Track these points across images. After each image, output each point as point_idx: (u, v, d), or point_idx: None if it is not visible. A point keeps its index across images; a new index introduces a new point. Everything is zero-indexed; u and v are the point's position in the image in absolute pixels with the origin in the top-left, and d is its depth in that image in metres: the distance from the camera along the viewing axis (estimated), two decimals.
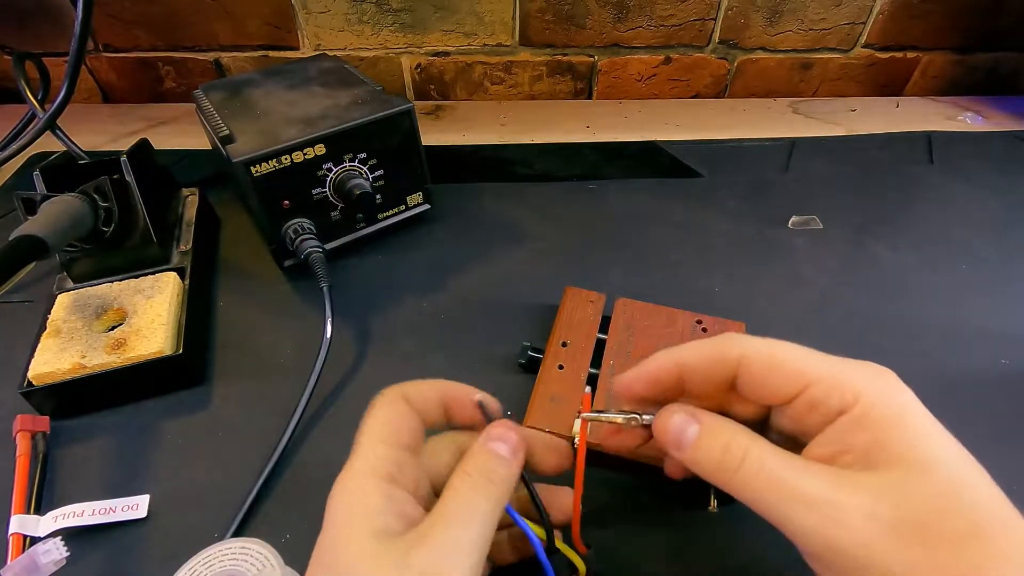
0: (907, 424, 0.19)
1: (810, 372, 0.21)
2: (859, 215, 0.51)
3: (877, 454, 0.19)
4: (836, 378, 0.20)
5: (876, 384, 0.20)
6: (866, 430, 0.19)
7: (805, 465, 0.20)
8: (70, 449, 0.35)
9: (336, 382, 0.38)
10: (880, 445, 0.19)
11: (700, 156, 0.59)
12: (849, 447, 0.19)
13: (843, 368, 0.21)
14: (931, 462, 0.18)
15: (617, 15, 0.65)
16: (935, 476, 0.18)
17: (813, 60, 0.69)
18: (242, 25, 0.64)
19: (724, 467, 0.20)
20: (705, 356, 0.23)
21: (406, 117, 0.44)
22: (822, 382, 0.20)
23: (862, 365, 0.21)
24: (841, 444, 0.20)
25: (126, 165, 0.40)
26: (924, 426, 0.20)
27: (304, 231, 0.42)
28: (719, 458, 0.21)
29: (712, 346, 0.23)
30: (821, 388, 0.20)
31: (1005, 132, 0.63)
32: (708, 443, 0.21)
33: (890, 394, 0.20)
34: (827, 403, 0.20)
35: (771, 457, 0.20)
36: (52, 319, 0.37)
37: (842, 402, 0.20)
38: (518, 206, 0.52)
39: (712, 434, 0.21)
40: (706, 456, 0.21)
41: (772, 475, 0.19)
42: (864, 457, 0.19)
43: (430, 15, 0.64)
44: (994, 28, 0.68)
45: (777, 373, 0.21)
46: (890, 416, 0.19)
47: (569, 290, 0.40)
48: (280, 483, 0.33)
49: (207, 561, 0.26)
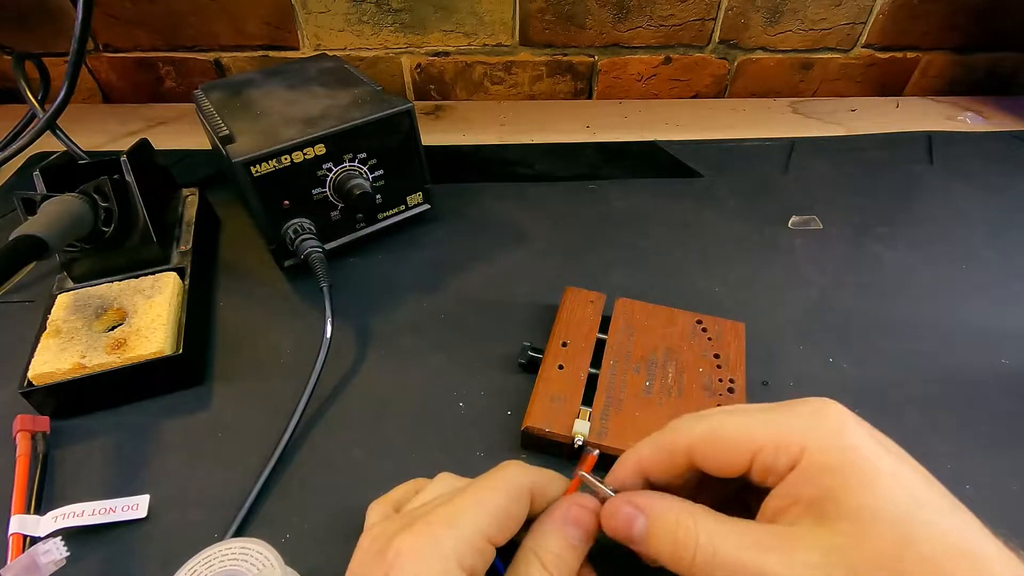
0: (852, 471, 0.19)
1: (754, 440, 0.21)
2: (859, 215, 0.51)
3: (826, 507, 0.19)
4: (779, 438, 0.20)
5: (818, 431, 0.20)
6: (813, 483, 0.19)
7: (757, 536, 0.20)
8: (70, 449, 0.34)
9: (336, 382, 0.38)
10: (828, 497, 0.19)
11: (700, 156, 0.59)
12: (798, 499, 0.19)
13: (784, 422, 0.21)
14: (881, 510, 0.18)
15: (617, 15, 0.65)
16: (886, 525, 0.18)
17: (813, 60, 0.69)
18: (242, 25, 0.64)
19: (679, 559, 0.20)
20: (658, 452, 0.23)
21: (406, 117, 0.44)
22: (767, 446, 0.20)
23: (804, 410, 0.21)
24: (791, 498, 0.20)
25: (126, 165, 0.40)
26: (871, 468, 0.19)
27: (304, 231, 0.42)
28: (671, 551, 0.20)
29: (662, 445, 0.23)
30: (768, 452, 0.20)
31: (1005, 132, 0.63)
32: (657, 535, 0.21)
33: (832, 440, 0.20)
34: (776, 465, 0.20)
35: (721, 538, 0.20)
36: (52, 319, 0.37)
37: (789, 459, 0.20)
38: (518, 206, 0.52)
39: (658, 524, 0.21)
40: (660, 550, 0.21)
41: (726, 559, 0.19)
42: (814, 510, 0.19)
43: (430, 15, 0.64)
44: (994, 28, 0.68)
45: (724, 451, 0.21)
46: (834, 465, 0.19)
47: (569, 290, 0.40)
48: (280, 483, 0.33)
49: (207, 561, 0.26)
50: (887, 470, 0.19)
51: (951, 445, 0.35)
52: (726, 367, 0.35)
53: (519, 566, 0.21)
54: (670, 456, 0.23)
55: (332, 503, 0.32)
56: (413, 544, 0.19)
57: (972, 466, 0.34)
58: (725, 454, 0.21)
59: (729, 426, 0.22)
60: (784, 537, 0.19)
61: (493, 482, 0.22)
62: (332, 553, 0.21)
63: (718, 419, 0.22)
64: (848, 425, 0.20)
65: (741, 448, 0.21)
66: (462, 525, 0.20)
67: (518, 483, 0.22)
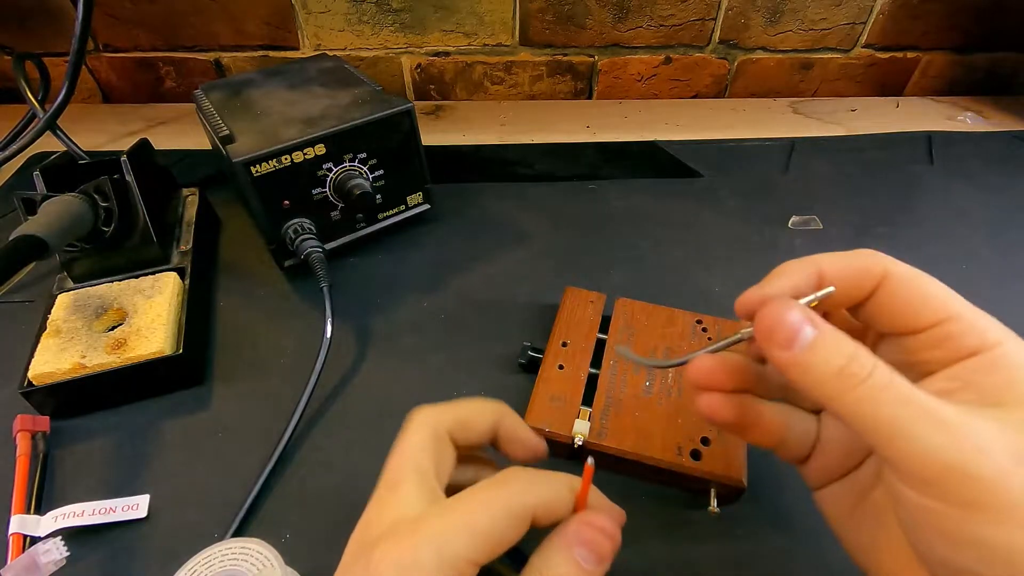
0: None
1: (952, 307, 0.20)
2: (859, 215, 0.51)
3: (1006, 393, 0.18)
4: (976, 319, 0.20)
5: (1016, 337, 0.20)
6: (1000, 371, 0.19)
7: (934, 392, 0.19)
8: (70, 449, 0.35)
9: (336, 382, 0.38)
10: (1010, 386, 0.18)
11: (700, 156, 0.59)
12: (975, 385, 0.19)
13: (986, 317, 0.20)
14: None
15: (617, 15, 0.65)
16: None
17: (813, 60, 0.69)
18: (242, 25, 0.64)
19: (845, 377, 0.18)
20: (847, 267, 0.22)
21: (406, 117, 0.44)
22: (963, 318, 0.20)
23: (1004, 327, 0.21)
24: (966, 382, 0.19)
25: (126, 165, 0.40)
26: None
27: (304, 231, 0.42)
28: (840, 366, 0.18)
29: (855, 258, 0.22)
30: (960, 323, 0.20)
31: (1005, 132, 0.63)
32: (829, 348, 0.19)
33: None
34: (961, 341, 0.20)
35: (900, 377, 0.18)
36: (52, 319, 0.37)
37: (980, 343, 0.19)
38: (518, 206, 0.52)
39: (835, 341, 0.19)
40: (824, 362, 0.19)
41: (901, 392, 0.18)
42: (991, 396, 0.18)
43: (430, 15, 0.64)
44: (994, 28, 0.68)
45: (921, 300, 0.21)
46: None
47: (569, 290, 0.40)
48: (280, 483, 0.33)
49: (207, 561, 0.26)
50: None
51: None
52: None
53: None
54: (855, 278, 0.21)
55: (332, 503, 0.32)
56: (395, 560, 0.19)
57: None
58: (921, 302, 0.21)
59: (935, 284, 0.21)
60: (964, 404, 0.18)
61: (492, 499, 0.20)
62: (332, 553, 0.21)
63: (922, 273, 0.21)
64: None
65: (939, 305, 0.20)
66: (448, 547, 0.19)
67: (520, 504, 0.20)
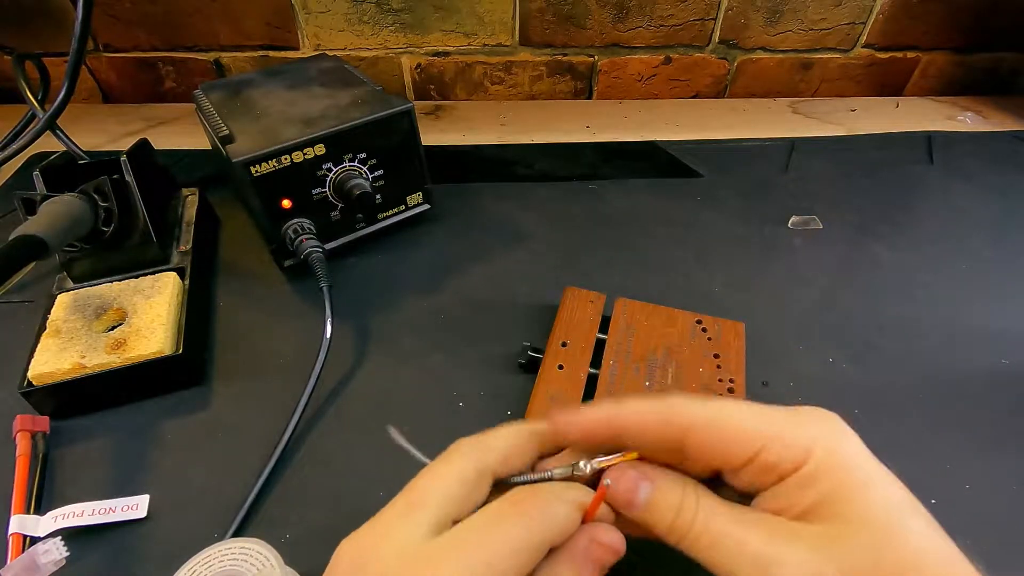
0: (851, 477, 0.20)
1: (762, 435, 0.21)
2: (859, 215, 0.51)
3: (822, 508, 0.19)
4: (787, 438, 0.20)
5: (823, 438, 0.20)
6: (813, 487, 0.20)
7: (754, 519, 0.20)
8: (70, 449, 0.34)
9: (336, 382, 0.38)
10: (825, 499, 0.19)
11: (700, 156, 0.59)
12: (794, 503, 0.20)
13: (792, 425, 0.21)
14: (873, 514, 0.19)
15: (617, 15, 0.65)
16: (876, 528, 0.19)
17: (813, 60, 0.69)
18: (242, 25, 0.64)
19: (675, 530, 0.21)
20: (649, 423, 0.22)
21: (406, 117, 0.44)
22: (774, 445, 0.20)
23: (809, 416, 0.21)
24: (786, 500, 0.20)
25: (126, 165, 0.40)
26: (867, 477, 0.20)
27: (304, 231, 0.42)
28: (671, 521, 0.21)
29: (657, 413, 0.22)
30: (773, 451, 0.20)
31: (1005, 132, 0.63)
32: (661, 505, 0.21)
33: (838, 448, 0.20)
34: (780, 465, 0.20)
35: (719, 517, 0.20)
36: (52, 319, 0.37)
37: (793, 462, 0.20)
38: (518, 206, 0.52)
39: (665, 496, 0.21)
40: (660, 519, 0.21)
41: (719, 534, 0.20)
42: (810, 511, 0.19)
43: (430, 15, 0.64)
44: (994, 28, 0.68)
45: (729, 442, 0.21)
46: (835, 471, 0.20)
47: (569, 290, 0.40)
48: (280, 483, 0.33)
49: (207, 561, 0.26)
50: (881, 479, 0.20)
51: (951, 445, 0.35)
52: (726, 367, 0.35)
53: None
54: (659, 432, 0.22)
55: (332, 503, 0.32)
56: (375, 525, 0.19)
57: (972, 466, 0.34)
58: (728, 444, 0.21)
59: (737, 417, 0.21)
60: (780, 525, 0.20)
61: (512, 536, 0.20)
62: (332, 553, 0.21)
63: (726, 407, 0.22)
64: (850, 436, 0.21)
65: (747, 441, 0.21)
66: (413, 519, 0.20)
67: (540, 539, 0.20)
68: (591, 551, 0.21)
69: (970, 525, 0.31)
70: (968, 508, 0.32)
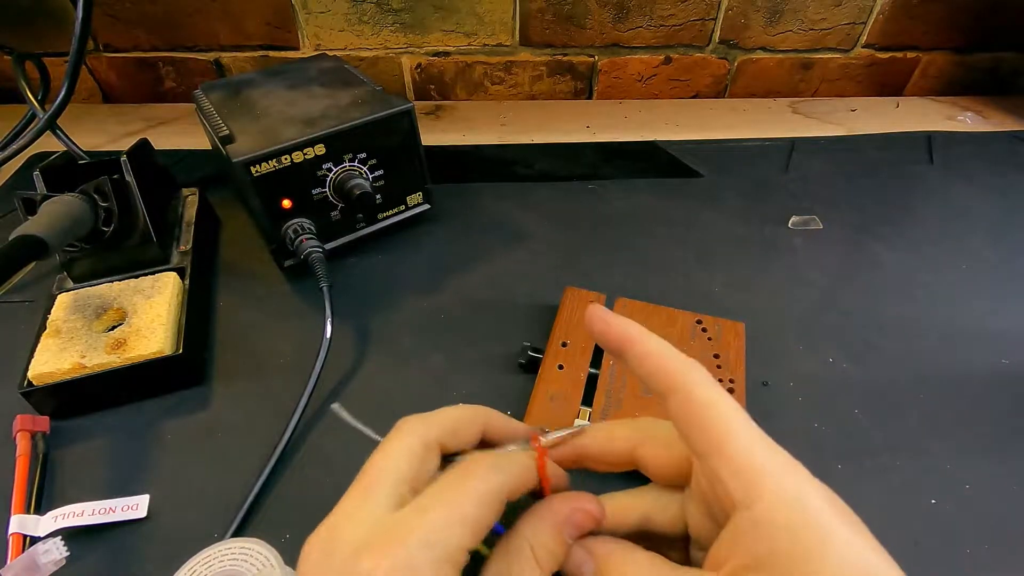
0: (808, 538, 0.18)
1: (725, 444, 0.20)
2: (859, 215, 0.51)
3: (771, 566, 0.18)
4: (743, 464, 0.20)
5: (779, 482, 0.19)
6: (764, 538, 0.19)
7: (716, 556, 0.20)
8: (70, 449, 0.34)
9: (336, 382, 0.38)
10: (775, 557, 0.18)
11: (700, 156, 0.59)
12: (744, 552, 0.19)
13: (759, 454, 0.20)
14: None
15: (617, 15, 0.65)
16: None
17: (813, 60, 0.69)
18: (242, 25, 0.64)
19: None
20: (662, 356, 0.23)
21: (406, 117, 0.44)
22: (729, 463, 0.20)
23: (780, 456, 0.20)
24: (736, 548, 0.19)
25: (126, 165, 0.40)
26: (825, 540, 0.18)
27: (304, 231, 0.42)
28: None
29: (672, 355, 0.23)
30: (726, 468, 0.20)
31: (1005, 132, 0.63)
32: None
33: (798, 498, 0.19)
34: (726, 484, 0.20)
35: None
36: (52, 319, 0.37)
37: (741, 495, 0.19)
38: (518, 206, 0.52)
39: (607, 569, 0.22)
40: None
41: None
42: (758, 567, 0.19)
43: (430, 15, 0.64)
44: (994, 28, 0.68)
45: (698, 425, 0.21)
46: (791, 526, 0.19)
47: (569, 290, 0.40)
48: (280, 483, 0.33)
49: (207, 561, 0.26)
50: (842, 538, 0.18)
51: (951, 445, 0.35)
52: (726, 367, 0.35)
53: (510, 553, 0.21)
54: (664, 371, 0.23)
55: (332, 503, 0.32)
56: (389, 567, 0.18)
57: (972, 466, 0.34)
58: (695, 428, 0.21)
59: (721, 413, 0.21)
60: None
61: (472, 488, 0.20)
62: None
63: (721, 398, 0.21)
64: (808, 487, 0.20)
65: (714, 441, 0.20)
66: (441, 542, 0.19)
67: (498, 486, 0.21)
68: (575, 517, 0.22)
69: (970, 525, 0.31)
70: (968, 508, 0.32)
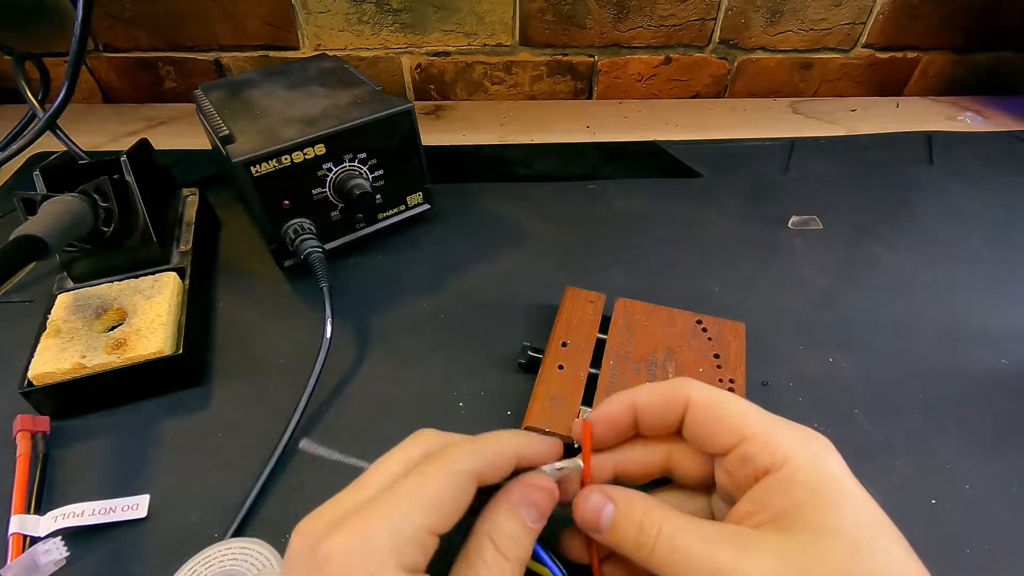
0: (825, 491, 0.20)
1: (747, 427, 0.22)
2: (859, 215, 0.51)
3: (792, 518, 0.19)
4: (769, 436, 0.21)
5: (806, 449, 0.21)
6: (786, 494, 0.20)
7: (717, 534, 0.20)
8: (70, 449, 0.34)
9: (336, 382, 0.38)
10: (796, 510, 0.20)
11: (700, 156, 0.59)
12: (766, 508, 0.20)
13: (779, 429, 0.22)
14: (842, 528, 0.19)
15: (617, 15, 0.65)
16: (845, 541, 0.19)
17: (813, 60, 0.69)
18: (242, 25, 0.64)
19: (640, 545, 0.21)
20: (656, 397, 0.24)
21: (406, 117, 0.44)
22: (756, 438, 0.21)
23: (799, 429, 0.22)
24: (761, 504, 0.20)
25: (126, 165, 0.40)
26: (841, 492, 0.20)
27: (304, 231, 0.42)
28: (635, 537, 0.21)
29: (663, 389, 0.24)
30: (754, 444, 0.21)
31: (1005, 132, 0.63)
32: (624, 522, 0.22)
33: (817, 461, 0.21)
34: (757, 460, 0.21)
35: (682, 532, 0.21)
36: (52, 319, 0.37)
37: (771, 461, 0.21)
38: (518, 206, 0.52)
39: (627, 513, 0.22)
40: (624, 536, 0.22)
41: (683, 549, 0.20)
42: (781, 520, 0.20)
43: (430, 15, 0.64)
44: (994, 28, 0.68)
45: (718, 423, 0.22)
46: (811, 483, 0.20)
47: (569, 290, 0.40)
48: (280, 483, 0.33)
49: (207, 561, 0.26)
50: (856, 497, 0.20)
51: (951, 445, 0.35)
52: (726, 367, 0.35)
53: (471, 551, 0.21)
54: (664, 406, 0.24)
55: None
56: (344, 546, 0.18)
57: (972, 466, 0.34)
58: (718, 425, 0.22)
59: (731, 408, 0.23)
60: (744, 537, 0.20)
61: (438, 469, 0.20)
62: None
63: (726, 398, 0.23)
64: (832, 454, 0.21)
65: (733, 427, 0.22)
66: (399, 520, 0.19)
67: (467, 467, 0.21)
68: (529, 495, 0.22)
69: (970, 525, 0.31)
70: (968, 508, 0.32)
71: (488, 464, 0.22)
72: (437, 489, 0.20)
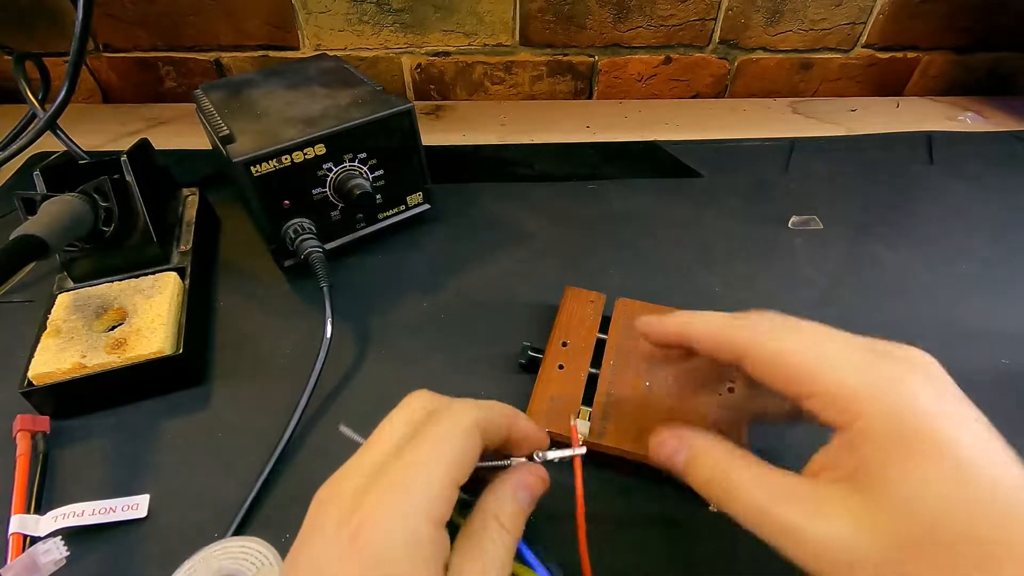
0: (903, 446, 0.18)
1: (811, 384, 0.20)
2: (859, 215, 0.51)
3: (868, 475, 0.18)
4: (837, 392, 0.20)
5: (882, 396, 0.19)
6: (858, 452, 0.19)
7: (790, 490, 0.20)
8: (70, 449, 0.34)
9: (336, 382, 0.38)
10: (869, 467, 0.18)
11: (700, 156, 0.59)
12: (840, 465, 0.19)
13: (850, 377, 0.20)
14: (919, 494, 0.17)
15: (617, 15, 0.65)
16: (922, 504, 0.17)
17: (813, 60, 0.69)
18: (242, 25, 0.64)
19: (711, 495, 0.22)
20: (713, 337, 0.24)
21: (406, 117, 0.44)
22: (820, 396, 0.20)
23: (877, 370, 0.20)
24: (834, 460, 0.20)
25: (126, 165, 0.40)
26: (922, 446, 0.18)
27: (304, 231, 0.42)
28: (707, 486, 0.22)
29: (717, 333, 0.24)
30: (819, 401, 0.20)
31: (1005, 132, 0.63)
32: (696, 471, 0.23)
33: (895, 406, 0.19)
34: (823, 417, 0.20)
35: (753, 488, 0.20)
36: (52, 319, 0.37)
37: (838, 418, 0.20)
38: (518, 206, 0.52)
39: (698, 461, 0.23)
40: (697, 482, 0.23)
41: (753, 507, 0.20)
42: (854, 477, 0.19)
43: (430, 15, 0.64)
44: (994, 28, 0.68)
45: (779, 379, 0.21)
46: (886, 437, 0.18)
47: (569, 290, 0.40)
48: (280, 483, 0.33)
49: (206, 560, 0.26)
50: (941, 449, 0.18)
51: None
52: None
53: (475, 527, 0.21)
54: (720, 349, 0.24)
55: None
56: (382, 507, 0.19)
57: None
58: (775, 382, 0.22)
59: (791, 358, 0.21)
60: (817, 495, 0.19)
61: (448, 424, 0.21)
62: None
63: (782, 347, 0.22)
64: (918, 387, 0.19)
65: (796, 381, 0.21)
66: (428, 476, 0.20)
67: (471, 423, 0.22)
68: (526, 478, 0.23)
69: None
70: None
71: (491, 420, 0.23)
72: (456, 441, 0.21)
